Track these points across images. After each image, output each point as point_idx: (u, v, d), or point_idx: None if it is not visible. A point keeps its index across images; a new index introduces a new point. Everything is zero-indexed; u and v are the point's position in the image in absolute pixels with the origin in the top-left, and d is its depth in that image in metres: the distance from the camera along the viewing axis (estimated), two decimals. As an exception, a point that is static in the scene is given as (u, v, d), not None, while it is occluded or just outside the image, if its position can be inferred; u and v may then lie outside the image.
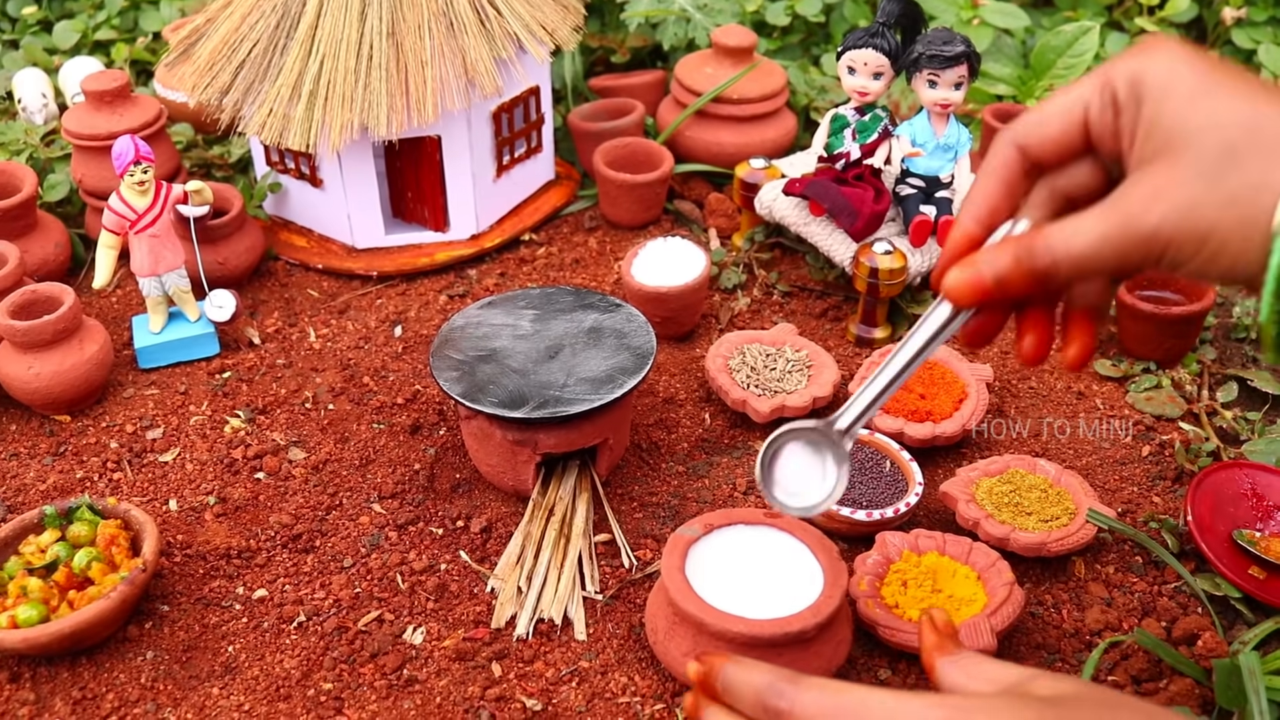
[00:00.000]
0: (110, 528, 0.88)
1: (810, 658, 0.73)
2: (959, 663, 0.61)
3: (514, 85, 1.23)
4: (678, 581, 0.74)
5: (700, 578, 0.76)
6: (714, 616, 0.71)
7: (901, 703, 0.53)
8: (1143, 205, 0.52)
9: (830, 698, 0.55)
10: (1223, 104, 0.51)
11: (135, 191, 1.06)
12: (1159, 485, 0.99)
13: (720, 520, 0.80)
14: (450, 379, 0.91)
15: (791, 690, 0.57)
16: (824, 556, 0.76)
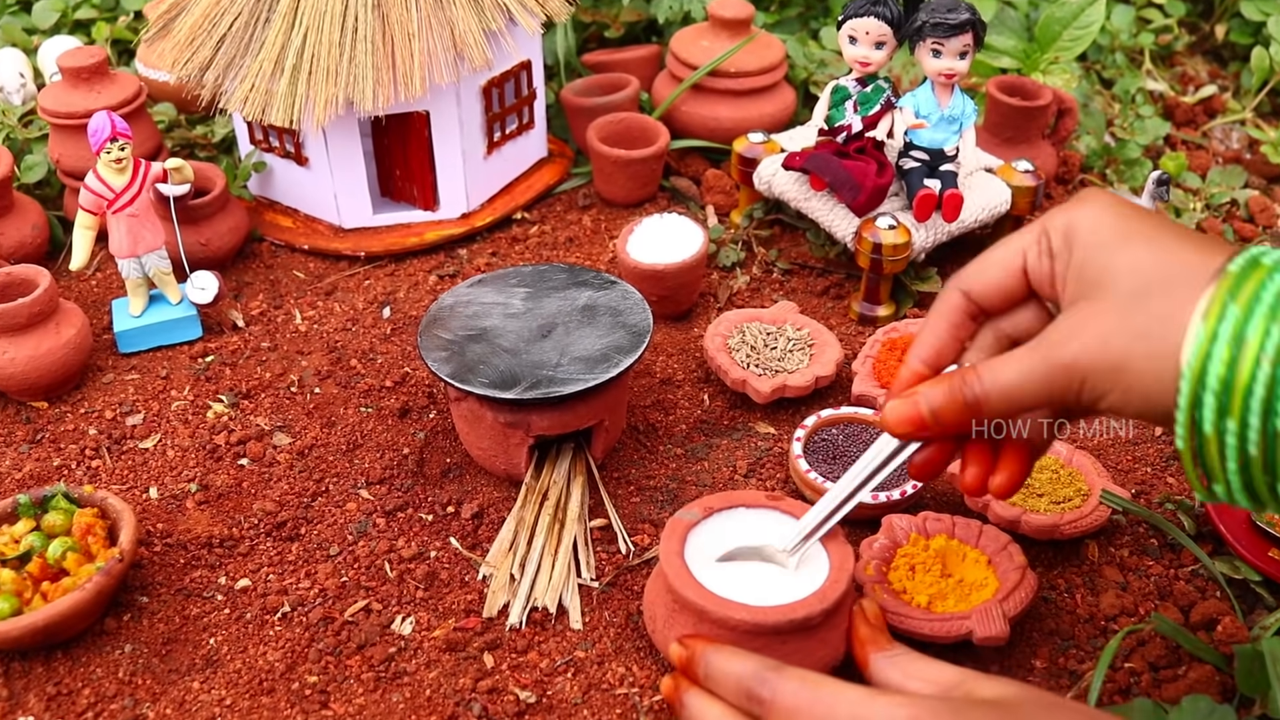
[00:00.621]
0: (86, 517, 0.84)
1: (816, 645, 0.70)
2: (895, 661, 0.63)
3: (504, 59, 1.20)
4: (676, 567, 0.71)
5: (700, 563, 0.73)
6: (715, 604, 0.68)
7: (871, 700, 0.55)
8: (1063, 339, 0.56)
9: (809, 689, 0.57)
10: (1141, 250, 0.55)
11: (112, 169, 1.03)
12: (1173, 465, 0.96)
13: (720, 503, 0.77)
14: (439, 359, 0.88)
15: (775, 679, 0.58)
16: (829, 540, 0.73)
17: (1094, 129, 1.42)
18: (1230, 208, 1.32)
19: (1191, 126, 1.51)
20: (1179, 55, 1.67)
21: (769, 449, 0.97)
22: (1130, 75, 1.56)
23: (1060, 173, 1.35)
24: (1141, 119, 1.45)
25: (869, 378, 0.99)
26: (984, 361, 0.61)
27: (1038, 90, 1.28)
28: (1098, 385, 0.55)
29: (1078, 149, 1.39)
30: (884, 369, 0.99)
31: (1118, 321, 0.54)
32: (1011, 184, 1.15)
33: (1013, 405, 0.59)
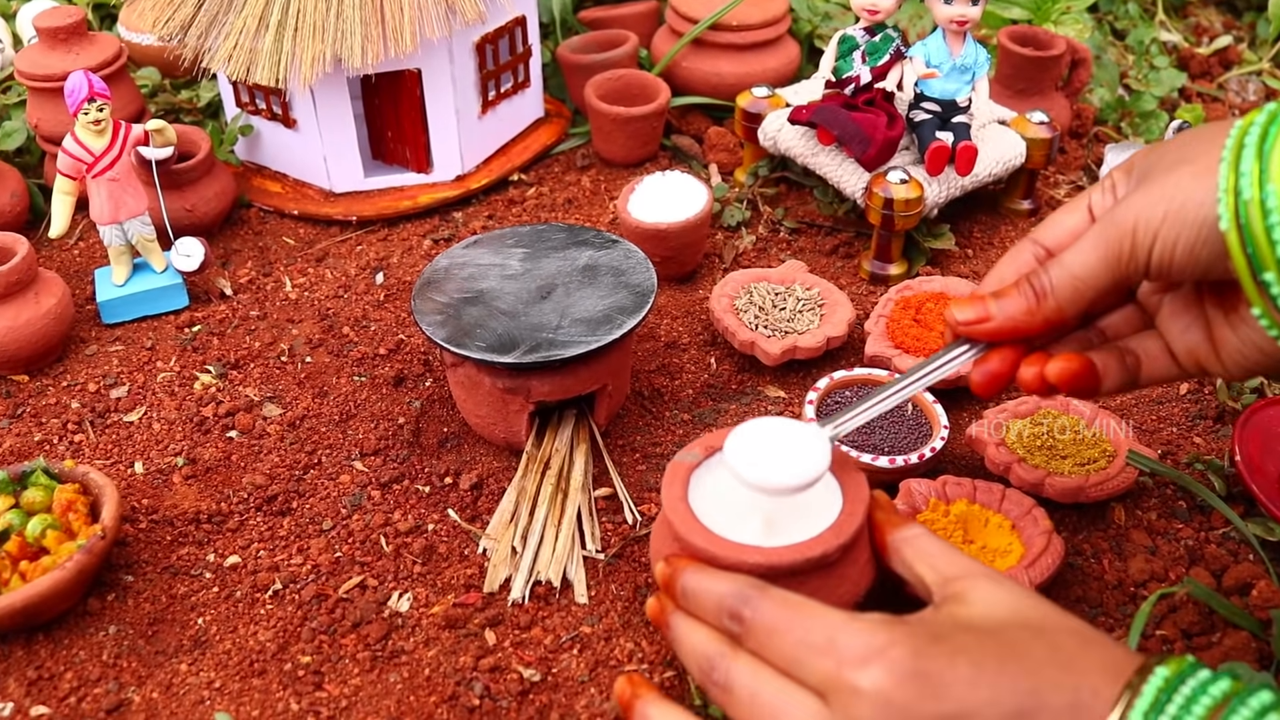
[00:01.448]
0: (67, 493, 0.81)
1: (835, 582, 0.65)
2: (910, 540, 0.62)
3: (498, 13, 1.15)
4: (681, 513, 0.65)
5: (705, 506, 0.67)
6: (726, 548, 0.63)
7: (850, 623, 0.53)
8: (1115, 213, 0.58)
9: (789, 610, 0.55)
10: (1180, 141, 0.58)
11: (91, 132, 0.99)
12: (1199, 425, 0.92)
13: (721, 440, 0.70)
14: (434, 323, 0.84)
15: (757, 597, 0.56)
16: (841, 470, 0.68)
17: (1107, 81, 1.38)
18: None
19: (1207, 78, 1.47)
20: (1192, 6, 1.63)
21: (779, 413, 0.93)
22: (1143, 26, 1.51)
23: (1074, 126, 1.31)
24: (1156, 70, 1.41)
25: (883, 338, 0.95)
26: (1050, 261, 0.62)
27: (1051, 40, 1.24)
28: (1145, 232, 0.56)
29: (1091, 102, 1.35)
30: (898, 329, 0.95)
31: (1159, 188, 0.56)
32: (1026, 136, 1.10)
33: (1077, 285, 0.60)
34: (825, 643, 0.52)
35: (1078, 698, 0.48)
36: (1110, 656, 0.50)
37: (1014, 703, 0.48)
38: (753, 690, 0.54)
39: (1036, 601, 0.55)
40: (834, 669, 0.51)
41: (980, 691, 0.48)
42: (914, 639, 0.51)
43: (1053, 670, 0.49)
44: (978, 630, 0.52)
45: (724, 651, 0.56)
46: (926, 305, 0.96)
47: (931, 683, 0.49)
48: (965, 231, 1.13)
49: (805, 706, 0.52)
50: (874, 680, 0.50)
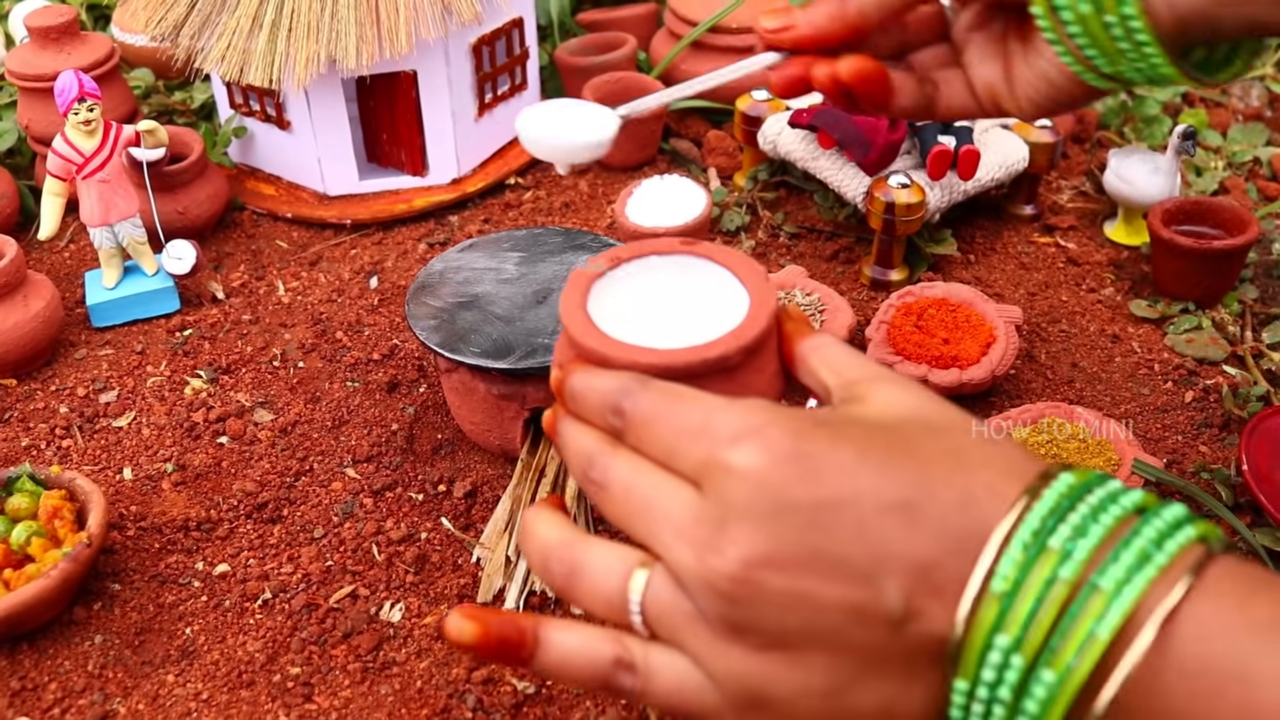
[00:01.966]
0: (53, 499, 0.79)
1: (737, 390, 0.58)
2: (817, 348, 0.55)
3: (495, 14, 1.14)
4: (578, 319, 0.59)
5: (608, 318, 0.61)
6: (619, 349, 0.57)
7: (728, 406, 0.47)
8: None
9: (669, 399, 0.49)
10: None
11: (81, 132, 0.97)
12: (1205, 433, 0.91)
13: (629, 253, 0.64)
14: (428, 328, 0.82)
15: (638, 389, 0.50)
16: (750, 279, 0.62)
17: (1110, 86, 1.36)
18: (1253, 166, 1.27)
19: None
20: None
21: (779, 420, 0.91)
22: (1146, 31, 1.50)
23: (1076, 130, 1.29)
24: (1159, 75, 1.39)
25: (884, 344, 0.93)
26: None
27: (1054, 44, 1.22)
28: None
29: (1094, 106, 1.33)
30: (900, 335, 0.93)
31: None
32: (1029, 140, 1.09)
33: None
34: (700, 426, 0.47)
35: (970, 494, 0.42)
36: (1013, 458, 0.45)
37: (898, 493, 0.42)
38: (627, 484, 0.49)
39: (943, 405, 0.49)
40: (708, 451, 0.45)
41: (862, 478, 0.43)
42: (795, 421, 0.45)
43: (946, 465, 0.44)
44: (869, 423, 0.47)
45: (604, 449, 0.51)
46: (929, 311, 0.95)
47: (809, 464, 0.44)
48: (967, 237, 1.12)
49: (678, 495, 0.46)
50: (747, 458, 0.44)
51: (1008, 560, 0.40)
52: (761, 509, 0.43)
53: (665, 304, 0.64)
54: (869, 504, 0.42)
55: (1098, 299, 1.05)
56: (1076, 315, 1.03)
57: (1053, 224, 1.14)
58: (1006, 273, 1.08)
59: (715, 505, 0.44)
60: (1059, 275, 1.08)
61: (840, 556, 0.42)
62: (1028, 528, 0.40)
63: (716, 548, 0.43)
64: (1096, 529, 0.40)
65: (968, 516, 0.42)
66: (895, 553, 0.41)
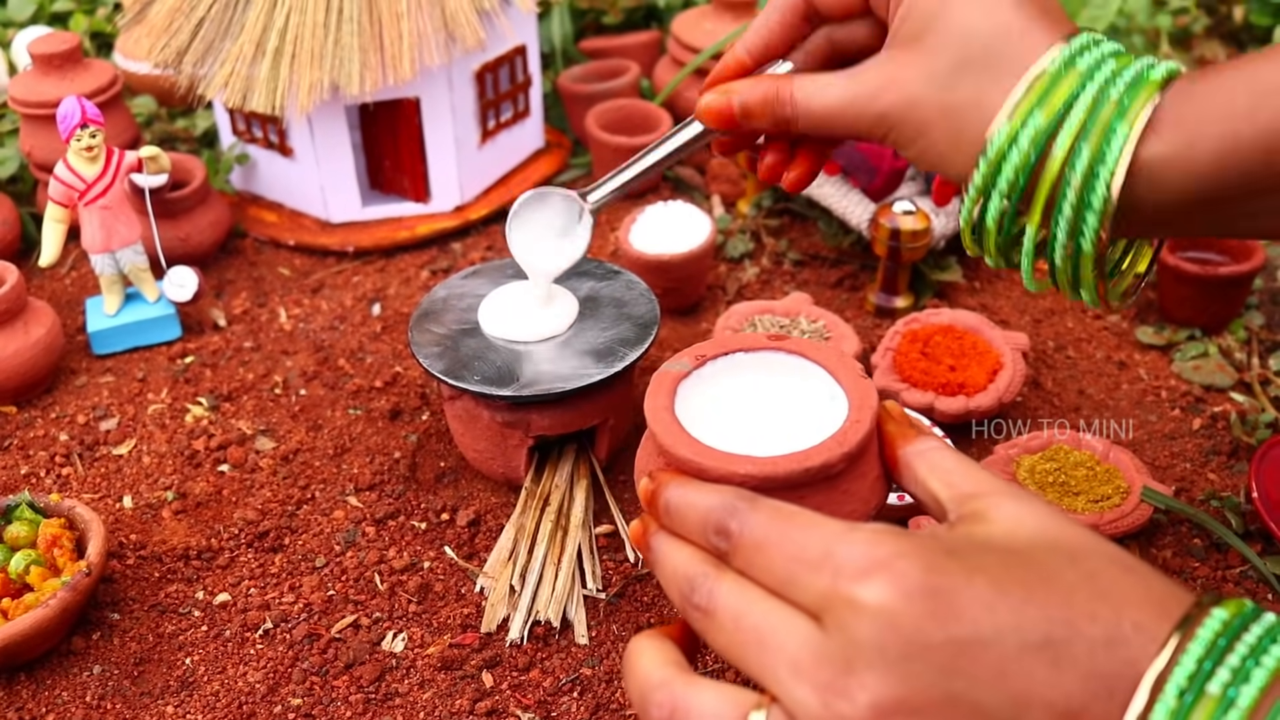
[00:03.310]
0: (52, 527, 0.78)
1: (840, 498, 0.57)
2: (924, 454, 0.52)
3: (499, 42, 1.14)
4: (667, 423, 0.57)
5: (696, 422, 0.59)
6: (715, 458, 0.54)
7: (850, 532, 0.44)
8: (877, 88, 0.58)
9: (781, 521, 0.46)
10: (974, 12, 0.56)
11: (83, 158, 0.97)
12: (1213, 460, 0.90)
13: (714, 350, 0.63)
14: (431, 355, 0.82)
15: (746, 509, 0.47)
16: (846, 377, 0.60)
17: (1113, 113, 1.37)
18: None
19: (1213, 111, 1.45)
20: (1195, 38, 1.62)
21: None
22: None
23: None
24: (1162, 103, 1.40)
25: (890, 371, 0.93)
26: (800, 80, 0.62)
27: (1057, 71, 1.22)
28: (900, 138, 0.58)
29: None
30: (906, 362, 0.93)
31: (931, 90, 0.56)
32: (1034, 167, 1.09)
33: (820, 131, 0.62)
34: (821, 555, 0.43)
35: (1118, 632, 0.39)
36: (1157, 589, 0.41)
37: (1041, 631, 0.39)
38: (737, 612, 0.45)
39: (1070, 523, 0.46)
40: (830, 584, 0.42)
41: (1001, 615, 0.40)
42: (925, 552, 0.42)
43: (1088, 598, 0.41)
44: (1000, 550, 0.44)
45: (708, 571, 0.48)
46: (935, 338, 0.94)
47: (944, 600, 0.41)
48: (972, 264, 1.11)
49: (796, 628, 0.43)
50: (876, 594, 0.41)
51: (1162, 708, 0.37)
52: (893, 650, 0.40)
53: (755, 405, 0.61)
54: (1010, 643, 0.40)
55: (1103, 326, 1.04)
56: (1082, 342, 1.02)
57: (1057, 251, 1.14)
58: (1011, 299, 1.08)
59: (841, 644, 0.41)
60: (1064, 302, 1.07)
61: (980, 702, 0.39)
62: (1183, 671, 0.38)
63: (844, 691, 0.40)
64: (1260, 672, 0.37)
65: (1116, 657, 0.39)
66: (1039, 697, 0.39)
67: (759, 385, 0.62)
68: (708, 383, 0.62)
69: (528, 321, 0.83)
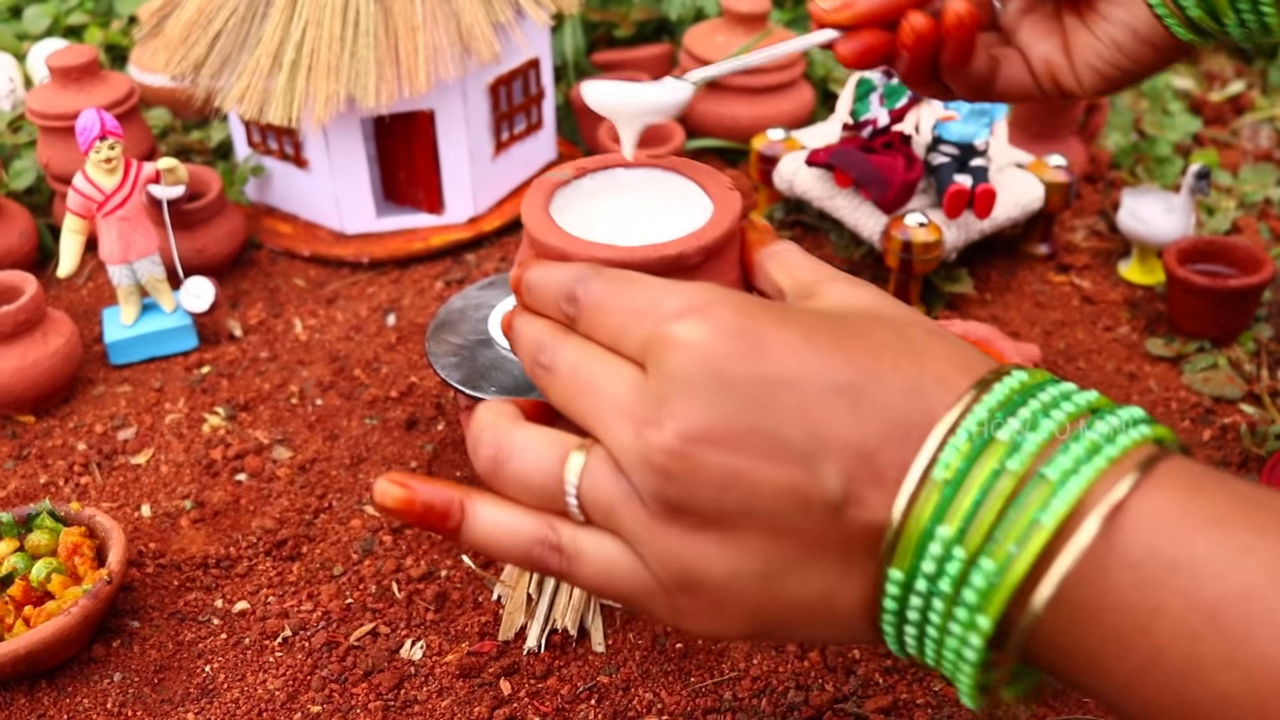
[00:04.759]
0: (73, 536, 0.79)
1: None
2: (777, 255, 0.53)
3: (513, 55, 1.15)
4: (538, 217, 0.58)
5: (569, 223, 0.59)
6: (579, 246, 0.55)
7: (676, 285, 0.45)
8: None
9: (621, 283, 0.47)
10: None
11: (102, 170, 0.98)
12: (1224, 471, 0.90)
13: (595, 164, 0.63)
14: (448, 365, 0.82)
15: (591, 275, 0.48)
16: (715, 189, 0.60)
17: (1121, 126, 1.37)
18: (1264, 206, 1.27)
19: (1220, 124, 1.46)
20: (1203, 52, 1.63)
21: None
22: (1156, 72, 1.51)
23: (1090, 170, 1.30)
24: (1170, 115, 1.40)
25: (902, 382, 0.93)
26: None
27: (1066, 84, 1.23)
28: None
29: (1106, 146, 1.34)
30: (918, 373, 0.93)
31: None
32: (1044, 179, 1.10)
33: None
34: (647, 305, 0.45)
35: (918, 383, 0.41)
36: (965, 354, 0.43)
37: (843, 376, 0.41)
38: (574, 366, 0.47)
39: (898, 303, 0.47)
40: (652, 327, 0.44)
41: (807, 359, 0.42)
42: (744, 301, 0.44)
43: (894, 354, 0.42)
44: (819, 313, 0.45)
45: (555, 334, 0.49)
46: (947, 349, 0.95)
47: (754, 340, 0.42)
48: (983, 276, 1.12)
49: (622, 375, 0.45)
50: (690, 332, 0.43)
51: (951, 449, 0.39)
52: (701, 383, 0.42)
53: (630, 214, 0.63)
54: (812, 385, 0.41)
55: (1114, 338, 1.05)
56: (1093, 354, 1.03)
57: (1068, 263, 1.15)
58: (1022, 311, 1.08)
59: (656, 381, 0.43)
60: (1074, 314, 1.08)
61: (780, 436, 0.41)
62: (974, 418, 0.39)
63: (655, 422, 0.42)
64: (1047, 423, 0.39)
65: (913, 405, 0.40)
66: (836, 436, 0.40)
67: (636, 199, 0.63)
68: (586, 195, 0.62)
69: None
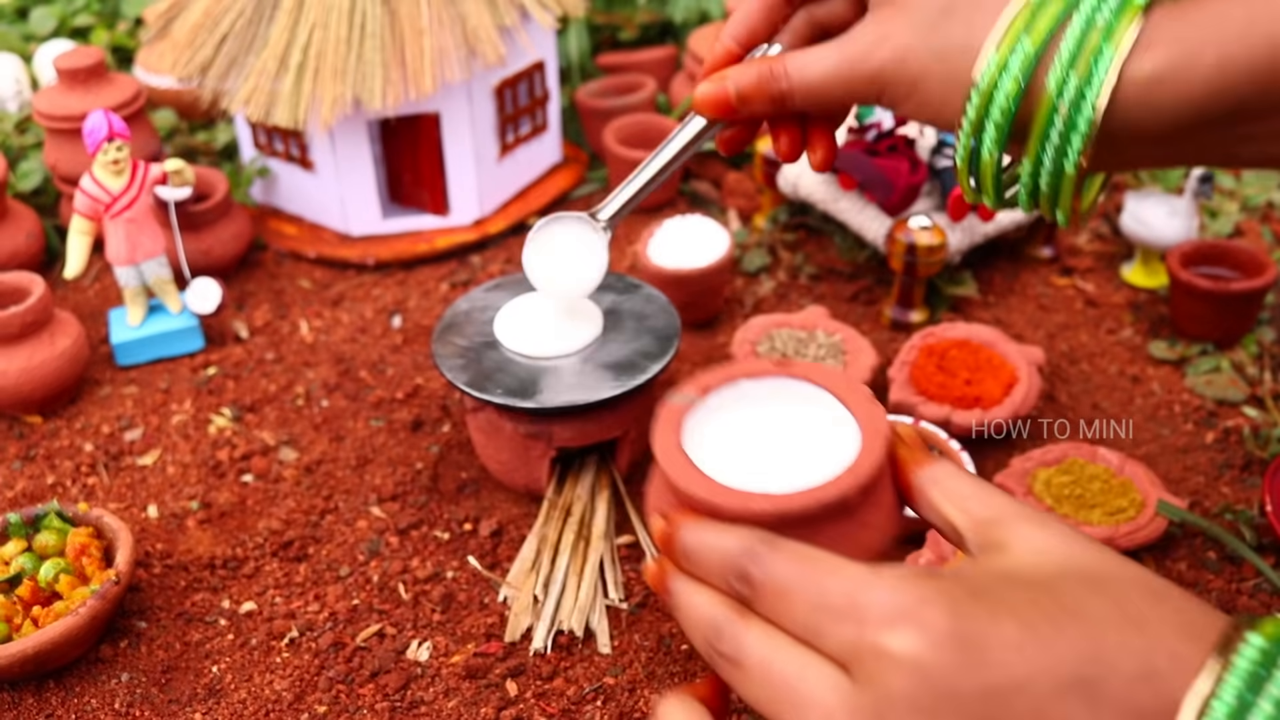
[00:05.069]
0: (81, 536, 0.79)
1: (857, 529, 0.55)
2: (937, 480, 0.51)
3: (518, 57, 1.15)
4: (677, 460, 0.56)
5: (705, 454, 0.58)
6: (729, 496, 0.53)
7: (874, 580, 0.43)
8: (867, 49, 0.58)
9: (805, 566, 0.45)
10: None
11: (109, 172, 0.98)
12: (1226, 474, 0.91)
13: (718, 379, 0.61)
14: (454, 367, 0.83)
15: (767, 554, 0.46)
16: (856, 402, 0.58)
17: (1125, 129, 1.37)
18: (1267, 209, 1.28)
19: (1224, 127, 1.46)
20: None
21: (802, 460, 0.92)
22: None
23: (1093, 174, 1.30)
24: (1173, 119, 1.41)
25: (907, 385, 0.94)
26: (791, 55, 0.61)
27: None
28: (895, 94, 0.58)
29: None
30: (922, 375, 0.94)
31: (918, 38, 0.56)
32: (1048, 183, 1.10)
33: (816, 100, 0.61)
34: (846, 603, 0.43)
35: (1151, 664, 0.39)
36: (1187, 613, 0.41)
37: (1073, 670, 0.39)
38: (765, 663, 0.45)
39: (1091, 547, 0.45)
40: (856, 634, 0.42)
41: (1032, 657, 0.40)
42: (950, 596, 0.42)
43: (1118, 629, 0.40)
44: (1025, 583, 0.43)
45: (732, 619, 0.47)
46: (951, 352, 0.95)
47: (973, 647, 0.40)
48: (986, 278, 1.12)
49: (826, 679, 0.42)
50: (905, 644, 0.41)
51: None
52: (926, 702, 0.40)
53: (764, 434, 0.60)
54: (1042, 687, 0.39)
55: (1117, 340, 1.05)
56: (1096, 357, 1.03)
57: (1071, 266, 1.15)
58: (1026, 314, 1.08)
59: (873, 696, 0.41)
60: (1078, 317, 1.08)
61: None
62: (1224, 706, 0.37)
63: None
64: None
65: (1153, 690, 0.38)
66: None
67: (766, 413, 0.61)
68: (715, 413, 0.60)
69: (551, 337, 0.84)
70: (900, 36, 0.56)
